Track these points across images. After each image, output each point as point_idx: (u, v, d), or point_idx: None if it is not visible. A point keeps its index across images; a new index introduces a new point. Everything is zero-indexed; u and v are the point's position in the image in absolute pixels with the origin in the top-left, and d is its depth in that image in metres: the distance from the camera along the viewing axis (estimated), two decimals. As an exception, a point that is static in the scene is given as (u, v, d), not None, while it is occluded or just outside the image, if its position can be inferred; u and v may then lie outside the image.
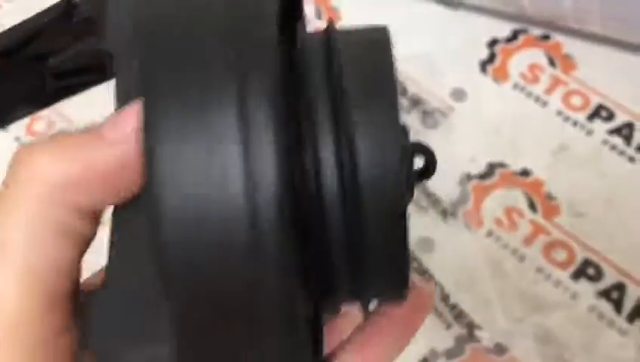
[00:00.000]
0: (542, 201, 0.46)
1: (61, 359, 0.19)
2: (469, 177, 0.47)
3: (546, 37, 0.54)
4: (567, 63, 0.52)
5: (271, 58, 0.18)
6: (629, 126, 0.49)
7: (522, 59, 0.53)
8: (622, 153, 0.48)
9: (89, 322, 0.19)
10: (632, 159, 0.48)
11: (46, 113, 0.49)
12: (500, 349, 0.41)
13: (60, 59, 0.23)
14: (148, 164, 0.17)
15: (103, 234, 0.19)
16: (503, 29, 0.54)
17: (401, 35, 0.58)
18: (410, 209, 0.19)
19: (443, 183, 0.47)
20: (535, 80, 0.52)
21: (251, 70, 0.17)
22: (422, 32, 0.54)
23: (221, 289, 0.17)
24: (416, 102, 0.50)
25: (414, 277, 0.21)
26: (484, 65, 0.52)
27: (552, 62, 0.52)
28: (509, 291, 0.43)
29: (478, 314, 0.42)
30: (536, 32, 0.54)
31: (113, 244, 0.19)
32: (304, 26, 0.22)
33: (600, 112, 0.50)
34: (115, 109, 0.19)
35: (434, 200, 0.46)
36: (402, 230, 0.18)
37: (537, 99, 0.51)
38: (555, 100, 0.50)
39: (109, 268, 0.19)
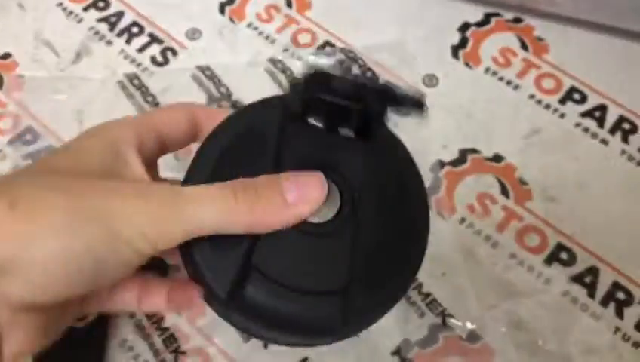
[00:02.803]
0: (514, 187, 0.45)
1: None
2: (441, 164, 0.46)
3: (517, 20, 0.53)
4: (539, 46, 0.52)
5: None
6: (602, 108, 0.49)
7: (494, 43, 0.52)
8: (594, 135, 0.48)
9: None
10: (604, 141, 0.47)
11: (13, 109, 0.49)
12: (473, 337, 0.40)
13: None
14: None
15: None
16: (475, 13, 0.54)
17: (371, 23, 0.58)
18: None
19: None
20: (507, 64, 0.51)
21: None
22: (393, 18, 0.53)
23: None
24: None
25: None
26: (455, 50, 0.52)
27: (524, 46, 0.52)
28: (483, 278, 0.42)
29: (452, 302, 0.42)
30: (508, 15, 0.54)
31: None
32: None
33: (572, 95, 0.49)
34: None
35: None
36: None
37: (509, 83, 0.50)
38: (528, 84, 0.50)
39: None
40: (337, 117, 0.29)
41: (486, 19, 0.53)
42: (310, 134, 0.30)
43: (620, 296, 0.42)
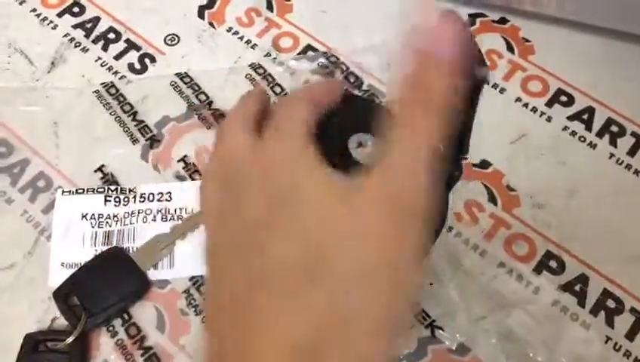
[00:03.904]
0: (501, 193, 0.45)
1: None
2: (427, 171, 0.45)
3: (503, 20, 0.52)
4: (525, 48, 0.51)
5: None
6: (589, 110, 0.48)
7: (479, 45, 0.51)
8: (582, 139, 0.47)
9: None
10: (592, 145, 0.47)
11: None
12: (462, 349, 0.40)
13: None
14: None
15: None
16: (460, 14, 0.53)
17: (354, 26, 0.57)
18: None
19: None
20: (493, 66, 0.50)
21: None
22: (375, 21, 0.52)
23: None
24: (372, 95, 0.49)
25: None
26: (440, 53, 0.51)
27: (509, 48, 0.51)
28: (471, 289, 0.42)
29: (441, 314, 0.41)
30: (493, 15, 0.53)
31: None
32: None
33: (559, 97, 0.49)
34: None
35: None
36: None
37: (495, 86, 0.49)
38: (514, 87, 0.49)
39: None
40: None
41: (471, 20, 0.52)
42: None
43: (611, 304, 0.41)
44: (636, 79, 0.49)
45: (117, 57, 0.50)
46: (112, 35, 0.52)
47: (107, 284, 0.41)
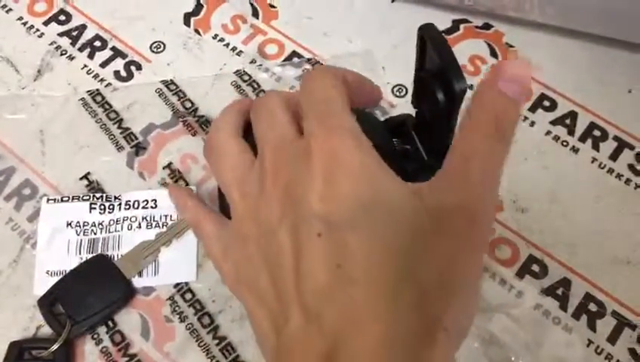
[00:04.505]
0: (485, 198, 0.45)
1: None
2: (411, 176, 0.46)
3: (487, 26, 0.53)
4: (509, 53, 0.51)
5: None
6: (572, 115, 0.49)
7: (463, 51, 0.52)
8: (565, 143, 0.47)
9: None
10: (575, 149, 0.47)
11: None
12: (445, 354, 0.40)
13: None
14: None
15: None
16: (443, 20, 0.53)
17: (339, 32, 0.57)
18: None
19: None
20: (476, 72, 0.50)
21: None
22: (360, 27, 0.53)
23: None
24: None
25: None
26: (424, 59, 0.51)
27: (493, 53, 0.51)
28: (454, 293, 0.42)
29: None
30: (477, 21, 0.53)
31: None
32: None
33: (542, 102, 0.49)
34: None
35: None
36: None
37: (479, 91, 0.50)
38: (497, 92, 0.49)
39: None
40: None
41: (455, 27, 0.53)
42: None
43: (592, 307, 0.41)
44: (618, 83, 0.50)
45: (103, 65, 0.51)
46: (98, 43, 0.52)
47: (92, 292, 0.41)
